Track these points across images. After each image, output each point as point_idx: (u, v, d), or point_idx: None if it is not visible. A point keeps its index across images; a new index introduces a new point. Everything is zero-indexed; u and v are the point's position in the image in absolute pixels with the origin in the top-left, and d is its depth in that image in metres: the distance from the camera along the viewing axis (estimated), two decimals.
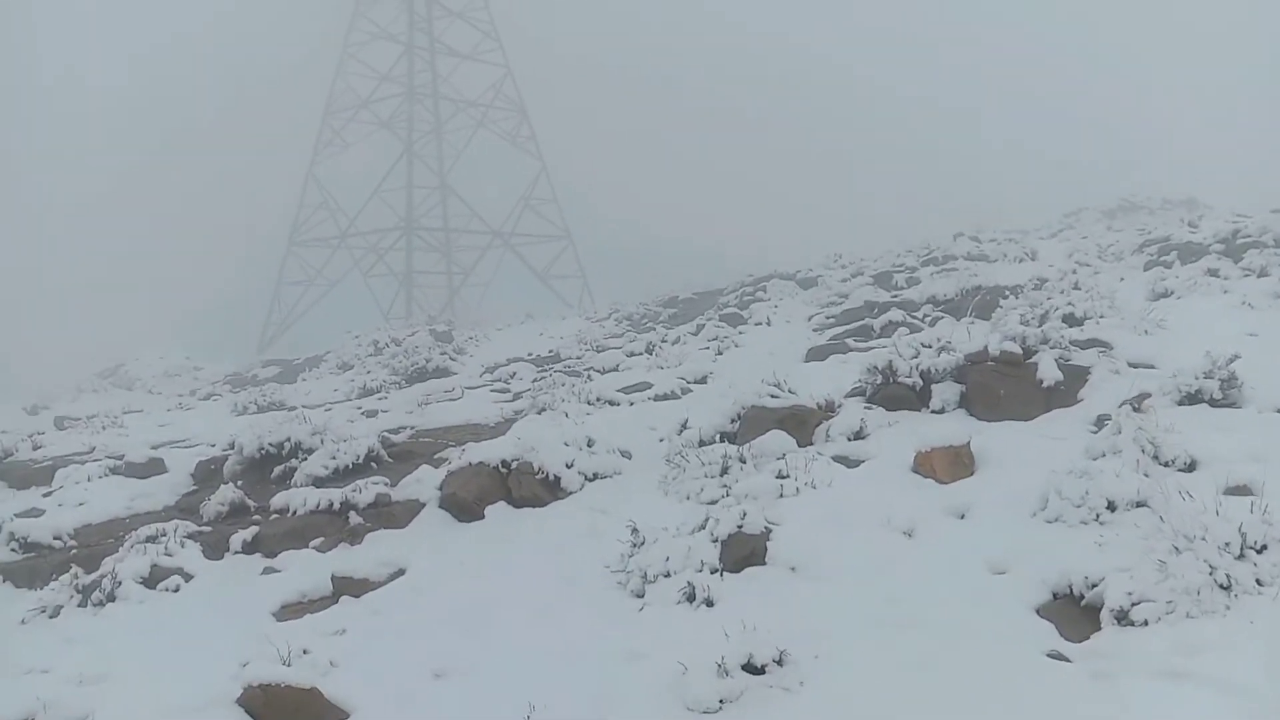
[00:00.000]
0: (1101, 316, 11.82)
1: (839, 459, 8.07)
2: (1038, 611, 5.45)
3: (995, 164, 58.18)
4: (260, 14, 57.37)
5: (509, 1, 49.47)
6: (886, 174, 60.44)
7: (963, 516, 6.66)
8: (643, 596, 6.23)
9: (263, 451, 11.26)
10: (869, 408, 9.25)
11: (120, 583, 8.19)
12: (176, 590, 8.25)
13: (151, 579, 8.32)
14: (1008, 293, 14.44)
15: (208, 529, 9.61)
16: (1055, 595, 5.46)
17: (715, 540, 6.36)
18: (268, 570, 8.51)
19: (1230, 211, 23.09)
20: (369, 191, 44.34)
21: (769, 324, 18.65)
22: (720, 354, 15.34)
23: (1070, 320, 11.37)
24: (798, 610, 5.66)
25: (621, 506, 8.25)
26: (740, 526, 6.39)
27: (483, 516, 8.83)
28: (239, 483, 10.90)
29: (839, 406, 9.25)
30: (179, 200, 58.50)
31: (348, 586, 7.56)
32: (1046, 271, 16.95)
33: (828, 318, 17.44)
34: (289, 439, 11.28)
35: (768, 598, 5.83)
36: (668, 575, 6.21)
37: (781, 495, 7.18)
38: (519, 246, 46.57)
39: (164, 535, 9.21)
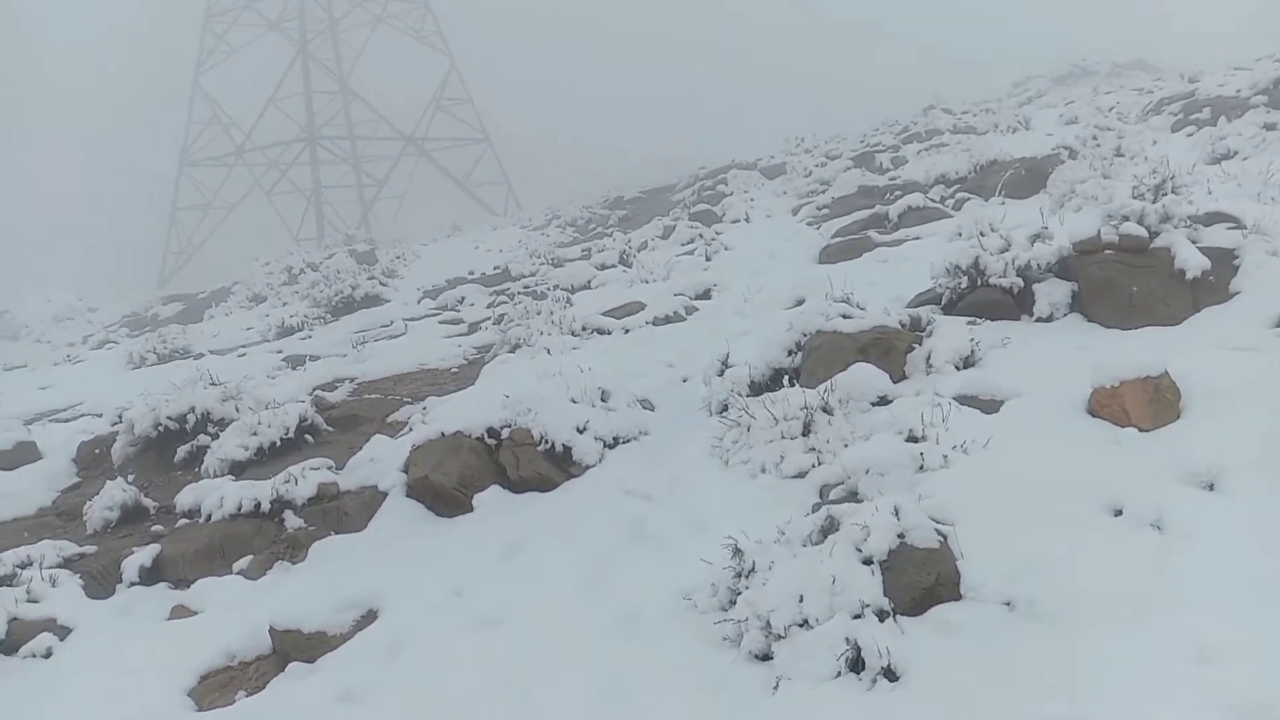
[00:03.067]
0: (1183, 186, 9.73)
1: (965, 400, 5.86)
2: None
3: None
4: None
5: None
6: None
7: (1212, 488, 4.52)
8: (769, 660, 3.99)
9: (161, 428, 8.70)
10: (974, 322, 7.03)
11: None
12: (47, 656, 5.79)
13: (10, 641, 5.86)
14: (1026, 165, 12.23)
15: (92, 547, 7.11)
16: None
17: (869, 561, 4.12)
18: (178, 612, 6.08)
19: (1226, 66, 21.20)
20: (263, 101, 40.28)
21: (748, 220, 16.31)
22: (709, 260, 12.97)
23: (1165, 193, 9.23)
24: (1050, 689, 3.48)
25: (668, 487, 5.98)
26: (903, 536, 4.15)
27: (471, 508, 6.50)
28: (131, 475, 8.37)
29: (929, 324, 7.01)
30: (56, 127, 53.16)
31: (296, 645, 5.17)
32: (1064, 139, 14.82)
33: (819, 209, 15.14)
34: (193, 409, 8.72)
35: (988, 666, 3.63)
36: (805, 624, 3.97)
37: (923, 468, 4.96)
38: (434, 152, 43.14)
39: (29, 565, 6.71)
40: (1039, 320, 7.25)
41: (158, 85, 46.46)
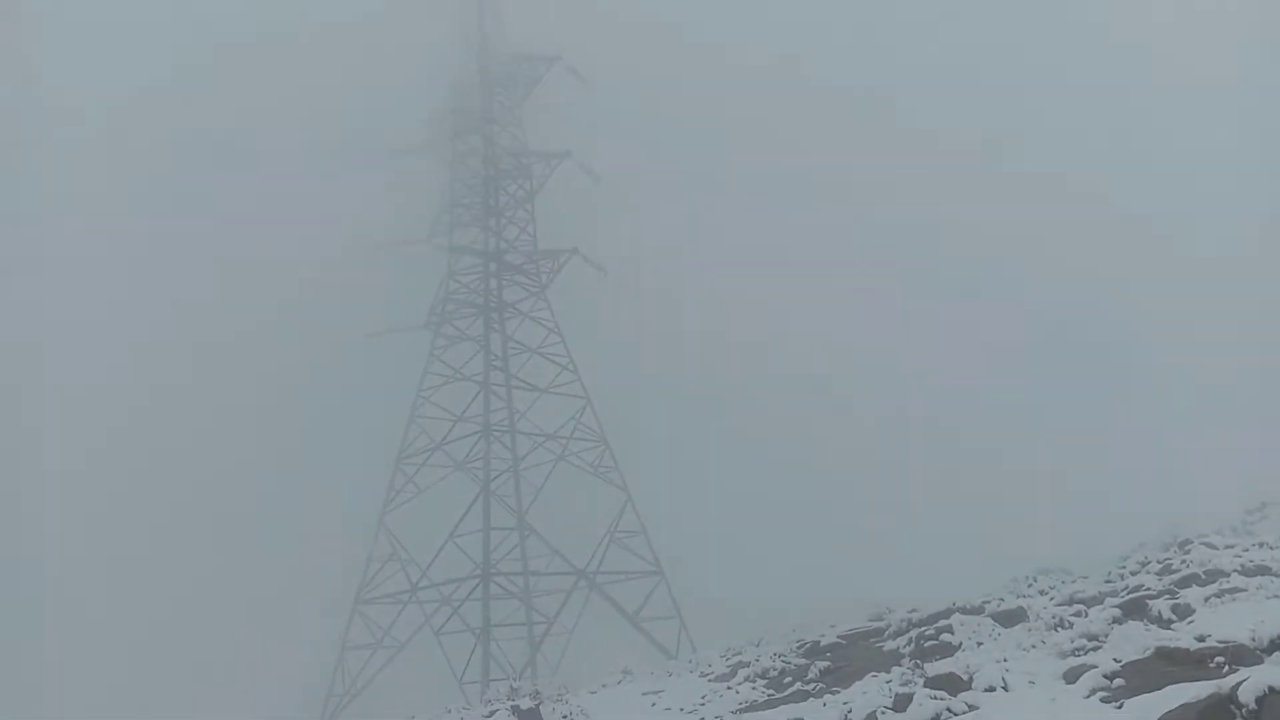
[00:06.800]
0: None
1: None
2: None
3: None
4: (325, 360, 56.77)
5: (585, 317, 47.81)
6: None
7: None
8: None
9: None
10: None
11: None
12: None
13: None
14: None
15: None
16: None
17: None
18: None
19: None
20: (441, 536, 40.06)
21: (1006, 688, 12.94)
22: None
23: None
24: None
25: None
26: None
27: None
28: None
29: None
30: (245, 572, 54.96)
31: None
32: None
33: (1107, 678, 11.73)
34: None
35: None
36: None
37: None
38: (606, 586, 41.24)
39: None
40: None
41: (341, 519, 47.59)
